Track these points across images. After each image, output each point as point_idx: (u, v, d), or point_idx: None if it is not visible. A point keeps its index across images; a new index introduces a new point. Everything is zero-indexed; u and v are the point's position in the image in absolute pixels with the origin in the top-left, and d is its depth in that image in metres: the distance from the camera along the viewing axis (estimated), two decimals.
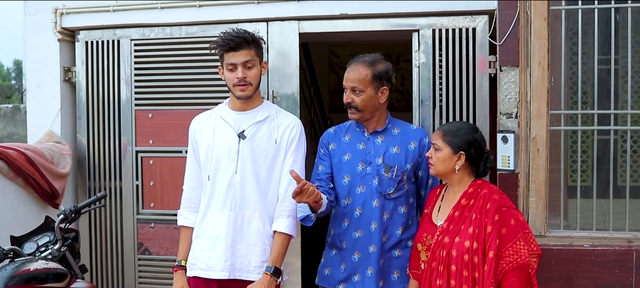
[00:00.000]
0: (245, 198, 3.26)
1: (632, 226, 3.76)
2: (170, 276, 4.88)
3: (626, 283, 3.61)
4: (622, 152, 4.15)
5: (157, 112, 4.86)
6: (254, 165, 3.28)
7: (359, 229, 3.32)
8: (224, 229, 3.27)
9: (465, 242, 2.91)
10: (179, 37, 4.82)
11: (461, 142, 3.03)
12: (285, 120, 3.38)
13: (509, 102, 4.12)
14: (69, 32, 4.99)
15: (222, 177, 3.29)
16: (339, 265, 3.38)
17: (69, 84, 5.05)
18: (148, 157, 4.88)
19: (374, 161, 3.31)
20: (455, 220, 2.98)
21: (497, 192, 2.99)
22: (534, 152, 3.51)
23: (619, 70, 4.14)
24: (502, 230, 2.85)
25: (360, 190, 3.31)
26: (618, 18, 3.92)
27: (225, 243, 3.28)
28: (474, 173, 3.07)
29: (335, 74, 9.63)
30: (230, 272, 3.28)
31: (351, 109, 3.31)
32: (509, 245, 2.83)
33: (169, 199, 4.85)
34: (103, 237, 5.02)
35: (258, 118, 3.33)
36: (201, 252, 3.33)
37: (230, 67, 3.26)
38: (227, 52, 3.25)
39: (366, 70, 3.26)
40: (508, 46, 4.08)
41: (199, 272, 3.33)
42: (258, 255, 3.29)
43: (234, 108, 3.37)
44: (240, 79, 3.24)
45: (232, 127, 3.32)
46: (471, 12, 4.43)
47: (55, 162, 4.64)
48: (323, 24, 4.67)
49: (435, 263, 2.98)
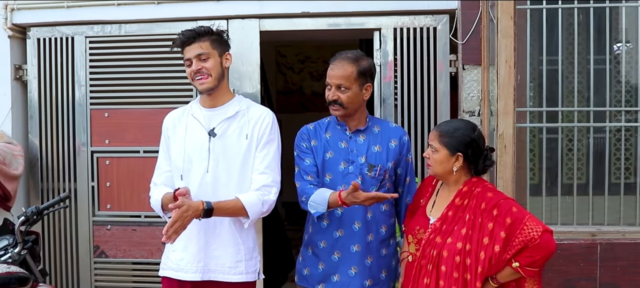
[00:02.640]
0: (217, 198, 3.17)
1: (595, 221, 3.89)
2: (128, 279, 4.82)
3: (591, 276, 3.73)
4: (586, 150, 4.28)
5: (114, 111, 4.74)
6: (226, 163, 3.23)
7: (340, 228, 3.28)
8: (196, 230, 3.21)
9: (457, 243, 2.88)
10: (137, 34, 4.71)
11: (458, 143, 2.96)
12: (256, 113, 3.33)
13: (471, 100, 4.21)
14: (19, 29, 4.82)
15: (193, 177, 3.24)
16: (317, 264, 3.35)
17: (20, 83, 4.88)
18: (104, 157, 4.76)
19: (356, 160, 3.28)
20: (449, 220, 2.95)
21: (491, 189, 2.98)
22: (501, 149, 3.57)
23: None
24: (506, 220, 2.81)
25: (342, 189, 3.27)
26: (581, 17, 4.05)
27: (198, 244, 3.22)
28: (472, 171, 3.03)
29: (282, 75, 9.64)
30: (203, 273, 3.22)
31: (335, 105, 3.26)
32: (518, 230, 2.80)
33: (126, 200, 4.74)
34: (57, 240, 4.86)
35: (228, 114, 3.28)
36: (173, 252, 3.27)
37: (188, 63, 3.24)
38: (183, 49, 3.25)
39: (351, 67, 3.22)
40: (470, 45, 4.17)
41: (170, 273, 3.28)
42: (232, 255, 3.25)
43: (204, 105, 3.32)
44: (195, 72, 3.21)
45: (203, 125, 3.26)
46: (432, 12, 4.48)
47: (7, 163, 4.46)
48: (284, 22, 4.65)
49: (424, 261, 2.96)
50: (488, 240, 2.84)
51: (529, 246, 2.79)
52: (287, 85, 9.61)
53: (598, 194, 4.04)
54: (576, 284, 3.84)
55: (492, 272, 2.87)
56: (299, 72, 9.59)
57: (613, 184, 4.14)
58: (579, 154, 4.33)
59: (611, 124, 4.21)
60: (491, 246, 2.83)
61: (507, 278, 2.91)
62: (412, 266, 3.04)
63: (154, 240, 4.71)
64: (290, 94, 9.57)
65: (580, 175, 4.27)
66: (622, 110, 4.24)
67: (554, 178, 4.19)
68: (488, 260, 2.83)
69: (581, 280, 3.79)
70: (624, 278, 3.83)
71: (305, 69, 9.55)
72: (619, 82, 4.38)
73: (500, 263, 2.84)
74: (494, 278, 2.89)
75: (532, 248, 2.79)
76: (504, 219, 2.83)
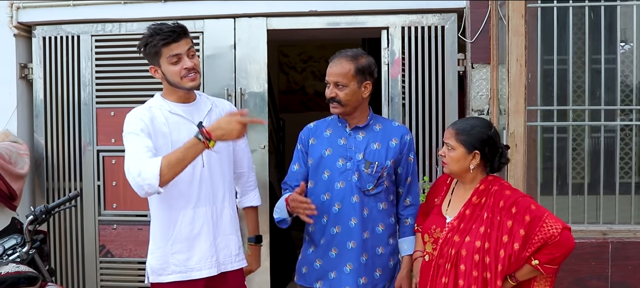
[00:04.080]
0: (216, 190, 3.18)
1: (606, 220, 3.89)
2: (134, 279, 4.80)
3: (602, 275, 3.72)
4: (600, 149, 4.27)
5: (120, 110, 4.70)
6: (218, 155, 3.20)
7: (337, 225, 3.28)
8: (205, 226, 3.16)
9: (476, 241, 2.86)
10: (143, 33, 4.66)
11: (475, 141, 2.94)
12: (222, 104, 3.35)
13: (480, 99, 4.19)
14: (25, 28, 4.80)
15: (191, 173, 3.13)
16: (315, 261, 3.35)
17: (26, 81, 4.86)
18: (110, 156, 4.74)
19: (354, 157, 3.28)
20: (466, 218, 2.93)
21: (508, 187, 2.96)
22: (512, 147, 3.56)
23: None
24: (525, 218, 2.80)
25: (340, 185, 3.28)
26: (592, 16, 4.04)
27: (209, 239, 3.17)
28: (487, 169, 3.01)
29: (285, 74, 9.63)
30: (217, 267, 3.19)
31: (334, 103, 3.27)
32: (538, 227, 2.79)
33: (132, 200, 4.71)
34: (63, 240, 4.85)
35: (205, 108, 3.23)
36: (173, 255, 3.15)
37: (174, 60, 3.06)
38: (168, 45, 3.05)
39: (349, 64, 3.23)
40: (479, 44, 4.15)
41: (177, 276, 3.20)
42: (235, 242, 3.26)
43: (179, 101, 3.18)
44: (190, 69, 3.08)
45: (188, 119, 3.15)
46: (440, 10, 4.48)
47: (13, 162, 4.45)
48: (291, 20, 4.64)
49: (442, 260, 2.93)
50: (507, 238, 2.83)
51: (548, 243, 2.78)
52: (289, 84, 9.60)
53: (608, 193, 4.03)
54: (587, 283, 3.83)
55: (512, 270, 2.86)
56: (302, 72, 9.58)
57: (623, 183, 4.13)
58: (586, 153, 4.31)
59: (622, 122, 4.19)
60: (511, 244, 2.82)
61: (526, 276, 2.90)
62: (429, 266, 3.02)
63: None
64: (292, 94, 9.56)
65: (585, 173, 4.26)
66: (634, 109, 4.22)
67: (563, 177, 4.18)
68: (508, 257, 2.82)
69: (592, 279, 3.78)
70: (636, 277, 3.82)
71: (308, 69, 9.54)
72: (622, 82, 4.36)
73: (520, 261, 2.83)
74: (513, 276, 2.89)
75: (552, 245, 2.78)
76: (523, 217, 2.81)
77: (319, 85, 9.40)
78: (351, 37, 5.72)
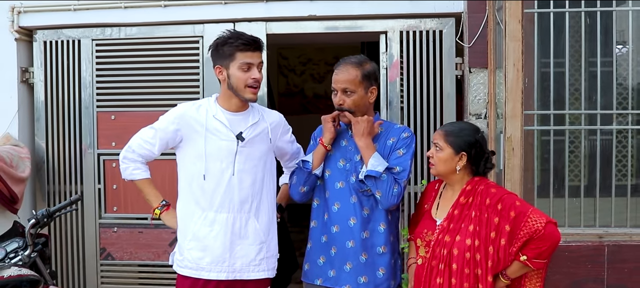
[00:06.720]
0: (243, 200, 3.25)
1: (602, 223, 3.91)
2: (135, 281, 4.83)
3: (599, 278, 3.75)
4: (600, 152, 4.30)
5: (120, 113, 4.76)
6: (251, 167, 3.27)
7: (336, 224, 3.34)
8: (222, 231, 3.23)
9: (466, 240, 2.93)
10: (143, 37, 4.73)
11: (463, 143, 3.04)
12: (271, 116, 3.42)
13: (478, 102, 4.23)
14: (26, 32, 4.83)
15: (218, 179, 3.23)
16: (317, 258, 3.40)
17: (27, 85, 4.89)
18: (111, 159, 4.77)
19: (353, 158, 3.35)
20: (455, 218, 3.00)
21: (494, 185, 3.05)
22: (509, 151, 3.59)
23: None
24: (510, 214, 2.88)
25: (339, 185, 3.35)
26: (588, 20, 4.07)
27: (223, 245, 3.23)
28: (473, 172, 3.09)
29: (284, 77, 9.65)
30: (230, 273, 3.25)
31: (344, 112, 3.33)
32: (523, 223, 2.86)
33: (133, 203, 4.76)
34: (64, 243, 4.88)
35: (252, 120, 3.30)
36: (189, 251, 3.27)
37: (245, 67, 3.18)
38: (244, 51, 3.17)
39: (356, 70, 3.28)
40: (477, 48, 4.19)
41: (189, 272, 3.28)
42: (256, 252, 3.30)
43: (229, 109, 3.28)
44: (256, 80, 3.20)
45: (229, 128, 3.25)
46: (438, 15, 4.50)
47: (14, 165, 4.47)
48: (290, 25, 4.67)
49: (435, 261, 3.00)
50: (495, 234, 2.92)
51: (534, 238, 2.87)
52: (288, 87, 9.61)
53: (604, 196, 4.07)
54: (583, 286, 3.85)
55: (501, 267, 2.94)
56: (301, 74, 9.59)
57: (619, 186, 4.17)
58: (583, 156, 4.35)
59: (618, 126, 4.23)
60: (498, 240, 2.91)
61: (516, 273, 2.97)
62: (422, 268, 3.08)
63: (160, 243, 4.73)
64: (291, 96, 9.57)
65: (582, 176, 4.29)
66: (629, 113, 4.25)
67: (560, 180, 4.22)
68: (496, 253, 2.91)
69: (588, 282, 3.81)
70: (632, 280, 3.85)
71: (307, 71, 9.55)
72: (620, 84, 4.40)
73: (508, 257, 2.92)
74: (504, 274, 2.96)
75: (538, 239, 2.87)
76: (508, 213, 2.90)
77: (319, 87, 9.44)
78: (351, 41, 5.75)
